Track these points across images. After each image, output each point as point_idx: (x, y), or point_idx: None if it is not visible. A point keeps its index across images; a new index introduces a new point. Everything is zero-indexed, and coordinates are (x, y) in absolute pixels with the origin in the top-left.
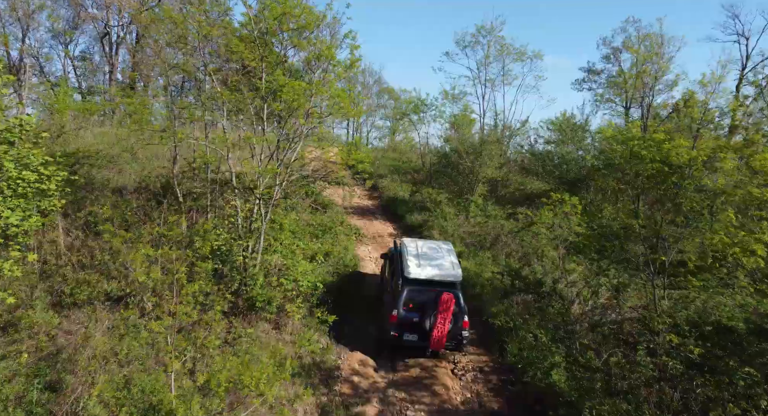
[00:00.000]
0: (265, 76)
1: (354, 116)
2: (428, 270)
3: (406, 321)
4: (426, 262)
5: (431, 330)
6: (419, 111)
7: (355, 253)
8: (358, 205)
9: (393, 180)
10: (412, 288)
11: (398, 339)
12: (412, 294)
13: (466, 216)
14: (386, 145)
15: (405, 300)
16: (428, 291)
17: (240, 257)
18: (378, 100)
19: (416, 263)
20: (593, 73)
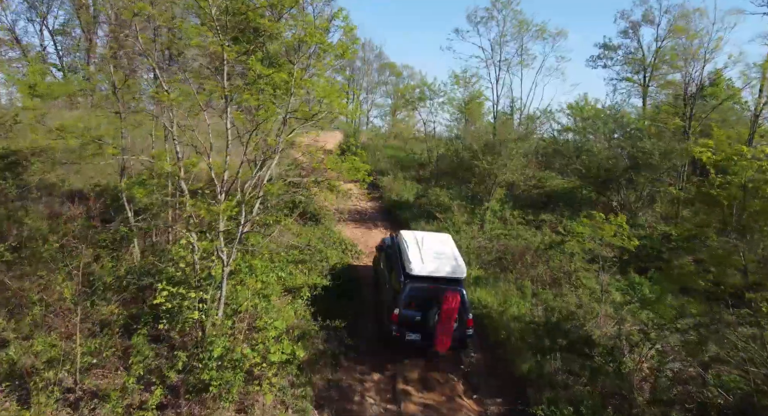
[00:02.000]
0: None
1: (347, 115)
2: (432, 266)
3: (409, 319)
4: (429, 257)
5: (435, 329)
6: (425, 98)
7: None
8: (355, 209)
9: (395, 177)
10: (415, 286)
11: (400, 339)
12: (415, 292)
13: (482, 226)
14: (387, 128)
15: (407, 298)
16: (432, 289)
17: (193, 315)
18: (379, 77)
19: (419, 258)
20: (609, 49)
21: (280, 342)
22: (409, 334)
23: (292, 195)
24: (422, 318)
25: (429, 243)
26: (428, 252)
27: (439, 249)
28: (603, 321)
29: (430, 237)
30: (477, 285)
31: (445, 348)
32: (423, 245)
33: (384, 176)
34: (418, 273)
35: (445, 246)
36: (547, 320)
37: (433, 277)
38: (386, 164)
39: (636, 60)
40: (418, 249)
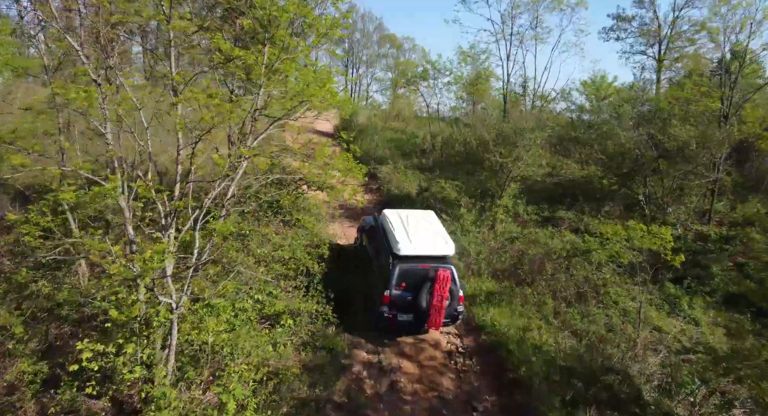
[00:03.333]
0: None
1: (338, 104)
2: (420, 246)
3: (400, 300)
4: (415, 236)
5: (429, 308)
6: (428, 77)
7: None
8: (350, 204)
9: (395, 167)
10: (404, 266)
11: (392, 321)
12: (404, 272)
13: (492, 226)
14: (388, 104)
15: (397, 279)
16: (421, 268)
17: (132, 374)
18: (379, 49)
19: (406, 237)
20: (623, 20)
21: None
22: (401, 315)
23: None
24: (414, 298)
25: (414, 221)
26: (414, 231)
27: (425, 228)
28: (642, 351)
29: (414, 215)
30: (489, 303)
31: (439, 326)
32: (408, 224)
33: (383, 165)
34: (406, 253)
35: (430, 224)
36: (575, 352)
37: (422, 256)
38: (385, 150)
39: (651, 32)
40: (404, 229)
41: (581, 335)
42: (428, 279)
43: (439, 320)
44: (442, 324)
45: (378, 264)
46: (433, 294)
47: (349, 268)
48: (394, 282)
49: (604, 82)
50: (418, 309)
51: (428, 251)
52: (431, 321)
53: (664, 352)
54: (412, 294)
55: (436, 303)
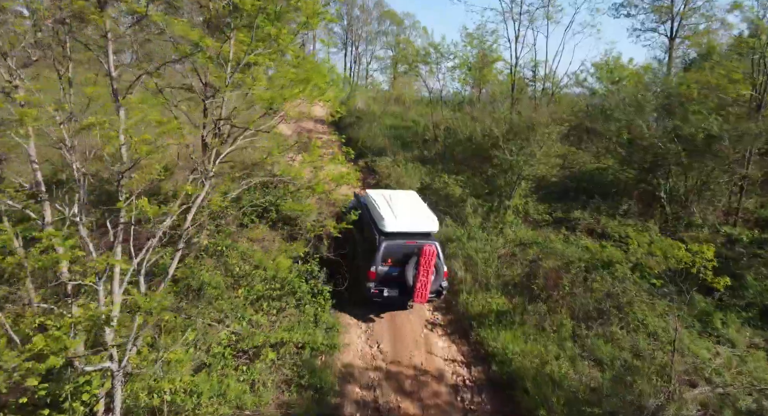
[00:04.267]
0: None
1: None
2: (404, 222)
3: (386, 276)
4: (400, 214)
5: (415, 283)
6: (431, 62)
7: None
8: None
9: (395, 159)
10: (390, 243)
11: (379, 296)
12: (390, 249)
13: (501, 230)
14: (389, 84)
15: (383, 256)
16: (407, 244)
17: None
18: (379, 26)
19: (391, 215)
20: None
21: None
22: (387, 290)
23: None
24: (400, 273)
25: (398, 200)
26: (399, 208)
27: (409, 205)
28: (677, 385)
29: (397, 194)
30: (500, 323)
31: (425, 300)
32: (392, 202)
33: (381, 157)
34: (392, 229)
35: (413, 202)
36: (600, 386)
37: (407, 233)
38: (384, 139)
39: (663, 8)
40: (389, 207)
41: (605, 364)
42: (414, 254)
43: (425, 294)
44: (428, 298)
45: (363, 243)
46: (419, 269)
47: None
48: (380, 259)
49: (618, 63)
50: (404, 284)
51: (413, 228)
52: (417, 295)
53: (705, 389)
54: (398, 269)
55: (422, 278)
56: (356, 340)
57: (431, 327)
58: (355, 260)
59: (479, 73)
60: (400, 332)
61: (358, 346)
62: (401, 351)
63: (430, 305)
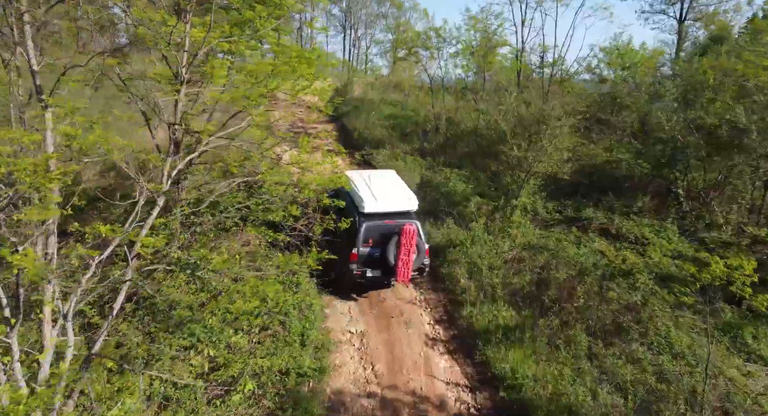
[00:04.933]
0: None
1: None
2: (384, 203)
3: (368, 257)
4: (380, 194)
5: (396, 263)
6: (431, 46)
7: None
8: None
9: (393, 152)
10: (370, 223)
11: (362, 277)
12: (370, 230)
13: (507, 233)
14: (386, 76)
15: (364, 237)
16: (387, 225)
17: None
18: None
19: (370, 196)
20: None
21: None
22: (370, 271)
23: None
24: (381, 253)
25: (377, 180)
26: (378, 189)
27: (388, 186)
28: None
29: (376, 174)
30: (508, 340)
31: (407, 279)
32: (371, 183)
33: (378, 149)
34: (371, 210)
35: (392, 182)
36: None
37: (387, 213)
38: (382, 130)
39: None
40: (368, 188)
41: (627, 388)
42: (394, 234)
43: (407, 273)
44: (410, 276)
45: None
46: (400, 248)
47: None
48: (362, 240)
49: (629, 48)
50: (386, 264)
51: (393, 207)
52: (400, 274)
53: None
54: (380, 250)
55: (404, 257)
56: (348, 360)
57: (432, 343)
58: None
59: (483, 59)
60: (397, 349)
61: (351, 368)
62: (398, 373)
63: (431, 318)
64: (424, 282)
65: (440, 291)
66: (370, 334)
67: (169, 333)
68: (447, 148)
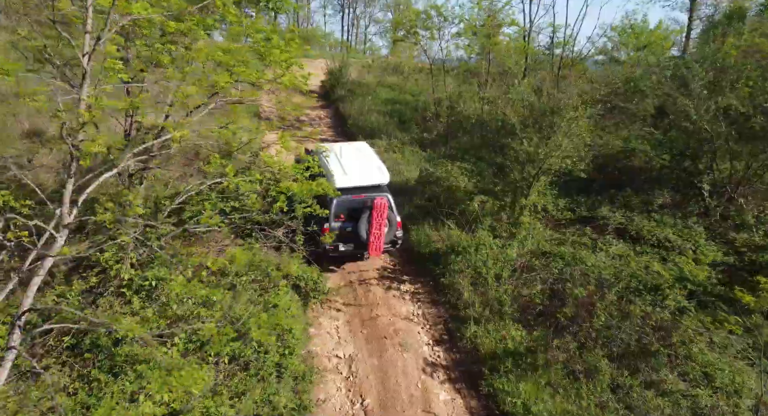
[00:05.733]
0: None
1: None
2: (355, 177)
3: (340, 232)
4: (350, 168)
5: (368, 237)
6: (431, 26)
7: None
8: None
9: (390, 143)
10: (341, 198)
11: (334, 251)
12: (342, 204)
13: (514, 236)
14: (385, 57)
15: (335, 212)
16: (358, 199)
17: None
18: None
19: (341, 170)
20: None
21: None
22: (342, 245)
23: None
24: (354, 228)
25: (348, 153)
26: (349, 163)
27: (360, 159)
28: None
29: (348, 147)
30: (518, 368)
31: (380, 253)
32: (342, 156)
33: (374, 139)
34: (342, 185)
35: (364, 155)
36: None
37: (358, 187)
38: (378, 117)
39: None
40: (339, 162)
41: None
42: (366, 208)
43: (379, 246)
44: (382, 250)
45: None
46: (371, 222)
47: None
48: (333, 214)
49: (644, 27)
50: (358, 238)
51: (364, 181)
52: (372, 248)
53: None
54: (352, 224)
55: (375, 231)
56: (334, 393)
57: (431, 370)
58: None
59: (488, 40)
60: (390, 379)
61: (337, 403)
62: (392, 409)
63: (431, 337)
64: (422, 293)
65: (441, 304)
66: (360, 359)
67: (111, 376)
68: (448, 137)
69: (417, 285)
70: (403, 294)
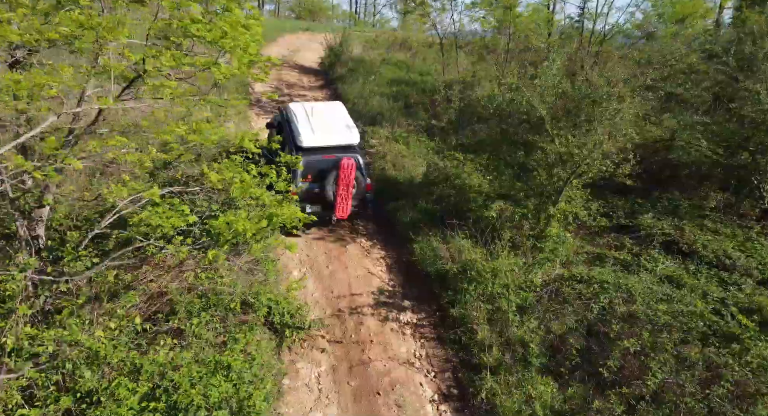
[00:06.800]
0: None
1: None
2: (322, 136)
3: (307, 193)
4: (319, 128)
5: (335, 198)
6: None
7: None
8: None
9: (394, 131)
10: (308, 158)
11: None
12: (309, 164)
13: (539, 249)
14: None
15: (303, 172)
16: (326, 159)
17: None
18: None
19: (309, 129)
20: None
21: None
22: (309, 207)
23: None
24: (320, 189)
25: (319, 113)
26: (318, 122)
27: (330, 118)
28: None
29: (320, 107)
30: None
31: (346, 215)
32: (312, 116)
33: (375, 127)
34: (309, 144)
35: (335, 115)
36: None
37: (325, 147)
38: (381, 100)
39: None
40: (308, 121)
41: None
42: (334, 169)
43: (346, 208)
44: (349, 212)
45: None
46: (338, 183)
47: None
48: (300, 174)
49: None
50: (326, 199)
51: (332, 141)
52: (338, 210)
53: None
54: (319, 185)
55: (342, 192)
56: None
57: None
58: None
59: (507, 11)
60: None
61: None
62: None
63: (436, 391)
64: (426, 326)
65: (449, 344)
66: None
67: None
68: (460, 125)
69: (420, 314)
70: (402, 326)
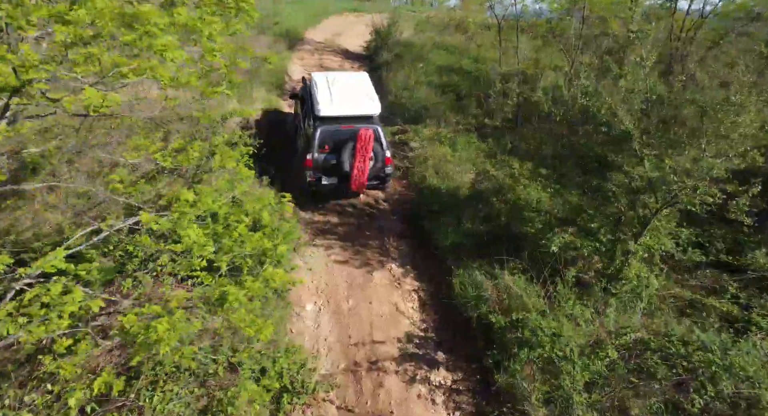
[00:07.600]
0: None
1: None
2: (341, 106)
3: (324, 164)
4: (339, 97)
5: (351, 170)
6: None
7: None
8: (341, 209)
9: (438, 133)
10: (326, 128)
11: (317, 184)
12: (326, 134)
13: (608, 291)
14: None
15: (319, 142)
16: (344, 129)
17: None
18: None
19: (328, 99)
20: None
21: None
22: (325, 178)
23: None
24: (337, 160)
25: (341, 82)
26: (338, 92)
27: (351, 88)
28: None
29: (342, 76)
30: None
31: (362, 188)
32: (333, 85)
33: (419, 127)
34: (326, 114)
35: (358, 84)
36: None
37: (344, 117)
38: (428, 92)
39: None
40: (328, 90)
41: None
42: (352, 139)
43: (362, 181)
44: (366, 185)
45: (304, 129)
46: (355, 154)
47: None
48: (317, 145)
49: None
50: (342, 171)
51: (350, 111)
52: (354, 183)
53: None
54: (336, 156)
55: (359, 164)
56: None
57: None
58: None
59: None
60: None
61: None
62: None
63: None
64: (463, 393)
65: None
66: None
67: None
68: (518, 125)
69: (456, 373)
70: (432, 391)
